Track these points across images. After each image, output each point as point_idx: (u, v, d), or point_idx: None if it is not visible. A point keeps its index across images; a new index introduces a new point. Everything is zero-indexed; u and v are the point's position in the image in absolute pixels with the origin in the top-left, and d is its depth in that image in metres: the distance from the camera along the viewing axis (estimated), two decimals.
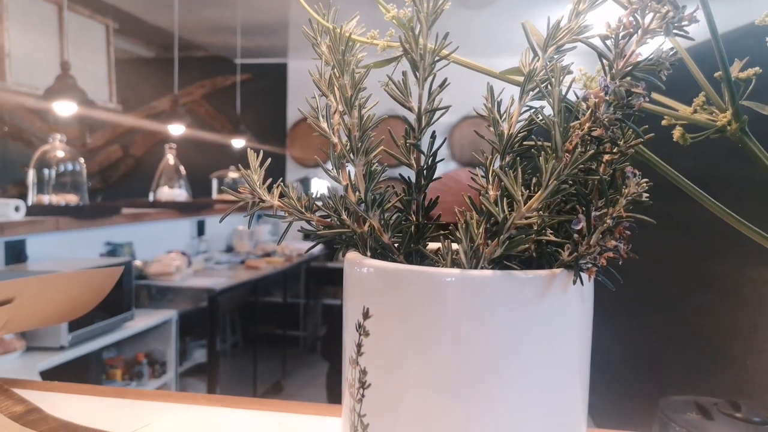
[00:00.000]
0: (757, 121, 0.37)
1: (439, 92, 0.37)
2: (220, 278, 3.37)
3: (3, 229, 2.15)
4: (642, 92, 0.31)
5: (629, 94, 0.32)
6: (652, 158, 0.36)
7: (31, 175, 2.69)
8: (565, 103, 0.32)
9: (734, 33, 0.82)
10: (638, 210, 0.33)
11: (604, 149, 0.32)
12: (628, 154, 0.33)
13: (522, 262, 0.34)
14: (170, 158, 3.71)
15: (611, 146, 0.33)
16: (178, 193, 3.68)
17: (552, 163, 0.31)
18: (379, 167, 0.36)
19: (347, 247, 0.38)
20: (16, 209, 2.30)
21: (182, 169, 3.76)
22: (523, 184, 0.32)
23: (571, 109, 0.33)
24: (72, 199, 2.75)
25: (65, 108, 2.66)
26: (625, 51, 0.31)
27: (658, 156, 0.36)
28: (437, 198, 0.40)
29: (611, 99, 0.32)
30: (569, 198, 0.34)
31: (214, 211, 3.88)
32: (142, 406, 0.63)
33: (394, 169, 0.38)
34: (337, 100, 0.36)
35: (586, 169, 0.32)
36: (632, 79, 0.31)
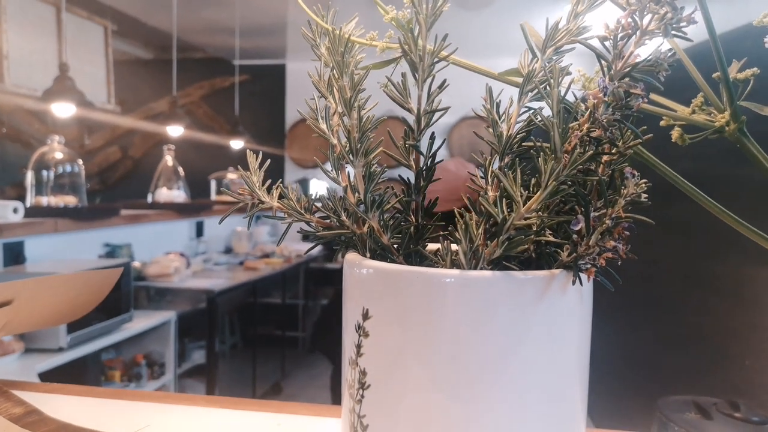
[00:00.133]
0: (756, 122, 0.37)
1: (438, 93, 0.37)
2: (218, 279, 3.37)
3: (1, 230, 2.15)
4: (640, 93, 0.31)
5: (628, 95, 0.32)
6: (650, 159, 0.36)
7: (29, 176, 2.69)
8: (564, 104, 0.32)
9: (732, 34, 0.82)
10: (637, 210, 0.33)
11: (602, 150, 0.33)
12: (627, 154, 0.33)
13: (521, 262, 0.34)
14: (169, 159, 3.71)
15: (610, 147, 0.33)
16: (176, 194, 3.68)
17: (551, 164, 0.31)
18: (379, 168, 0.36)
19: (346, 248, 0.38)
20: (15, 211, 2.29)
21: (181, 170, 3.76)
22: (522, 185, 0.32)
23: (569, 110, 0.33)
24: (70, 200, 2.75)
25: (63, 109, 2.66)
26: (623, 52, 0.31)
27: (656, 156, 0.36)
28: (437, 199, 0.40)
29: (610, 100, 0.32)
30: (568, 199, 0.34)
31: (213, 213, 3.88)
32: (141, 407, 0.63)
33: (393, 170, 0.38)
34: (336, 101, 0.36)
35: (585, 170, 0.32)
36: (631, 80, 0.31)
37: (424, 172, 0.38)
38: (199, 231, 4.06)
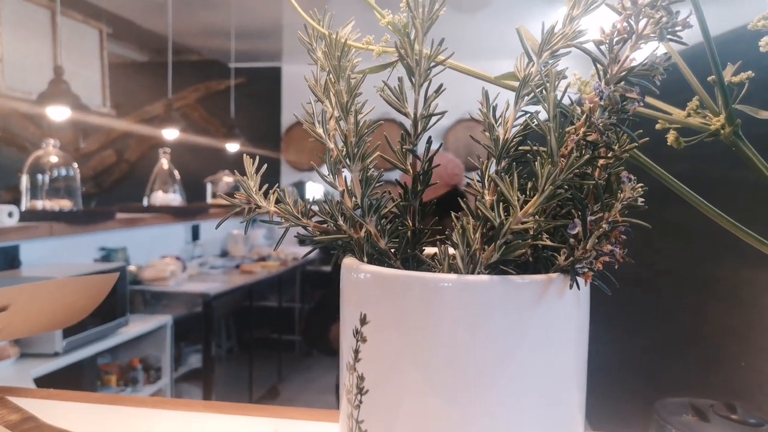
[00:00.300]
0: (751, 125, 0.37)
1: (435, 98, 0.37)
2: (214, 283, 3.36)
3: None
4: (636, 97, 0.32)
5: (624, 98, 0.32)
6: (647, 162, 0.36)
7: (24, 180, 2.68)
8: (560, 108, 0.32)
9: (727, 36, 0.82)
10: (634, 214, 0.33)
11: (599, 154, 0.33)
12: (623, 158, 0.33)
13: (518, 266, 0.34)
14: (164, 163, 3.70)
15: (606, 151, 0.33)
16: (172, 197, 3.67)
17: (548, 168, 0.31)
18: (376, 173, 0.36)
19: (344, 253, 0.38)
20: (10, 215, 2.29)
21: (176, 173, 3.75)
22: (519, 189, 0.32)
23: (566, 114, 0.33)
24: (66, 204, 2.74)
25: (59, 113, 2.65)
26: (619, 56, 0.32)
27: (652, 160, 0.36)
28: (437, 200, 0.40)
29: (606, 104, 0.32)
30: (565, 203, 0.34)
31: (209, 216, 3.87)
32: (138, 413, 0.62)
33: (389, 173, 0.38)
34: (332, 105, 0.36)
35: (582, 174, 0.32)
36: (626, 84, 0.32)
37: (420, 176, 0.38)
38: (195, 234, 4.05)
